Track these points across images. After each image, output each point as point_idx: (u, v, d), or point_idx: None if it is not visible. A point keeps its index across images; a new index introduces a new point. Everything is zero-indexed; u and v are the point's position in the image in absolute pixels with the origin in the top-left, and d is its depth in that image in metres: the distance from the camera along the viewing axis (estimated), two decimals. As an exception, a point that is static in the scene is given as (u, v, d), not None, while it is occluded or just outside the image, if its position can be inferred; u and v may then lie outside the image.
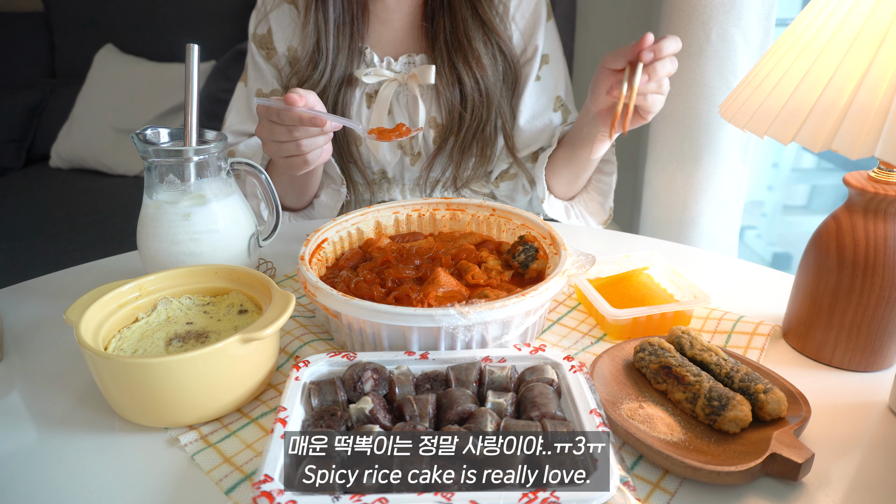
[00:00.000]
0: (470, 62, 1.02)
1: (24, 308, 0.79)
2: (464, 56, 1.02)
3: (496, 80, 1.04)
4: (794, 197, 2.58)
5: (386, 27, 1.07)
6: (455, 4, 1.02)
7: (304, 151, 0.81)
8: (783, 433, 0.52)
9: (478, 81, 1.03)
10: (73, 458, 0.55)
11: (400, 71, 1.05)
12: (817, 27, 0.58)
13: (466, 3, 1.02)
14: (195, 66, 0.72)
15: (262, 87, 1.10)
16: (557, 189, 1.06)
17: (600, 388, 0.58)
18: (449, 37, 1.02)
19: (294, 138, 0.80)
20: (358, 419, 0.52)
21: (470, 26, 1.02)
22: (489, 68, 1.03)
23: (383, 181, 1.13)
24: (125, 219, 1.88)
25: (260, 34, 1.09)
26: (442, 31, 1.02)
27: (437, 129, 1.07)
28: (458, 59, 1.02)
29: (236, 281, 0.68)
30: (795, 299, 0.69)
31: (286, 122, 0.79)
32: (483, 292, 0.68)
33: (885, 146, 0.51)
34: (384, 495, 0.44)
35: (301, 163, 0.83)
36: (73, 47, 2.53)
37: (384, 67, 1.05)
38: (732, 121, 0.64)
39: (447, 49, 1.03)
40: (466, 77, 1.02)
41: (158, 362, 0.53)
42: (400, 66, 1.06)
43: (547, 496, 0.43)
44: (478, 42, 1.02)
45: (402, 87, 1.05)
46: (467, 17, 1.02)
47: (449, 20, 1.02)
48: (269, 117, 0.80)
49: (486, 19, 1.02)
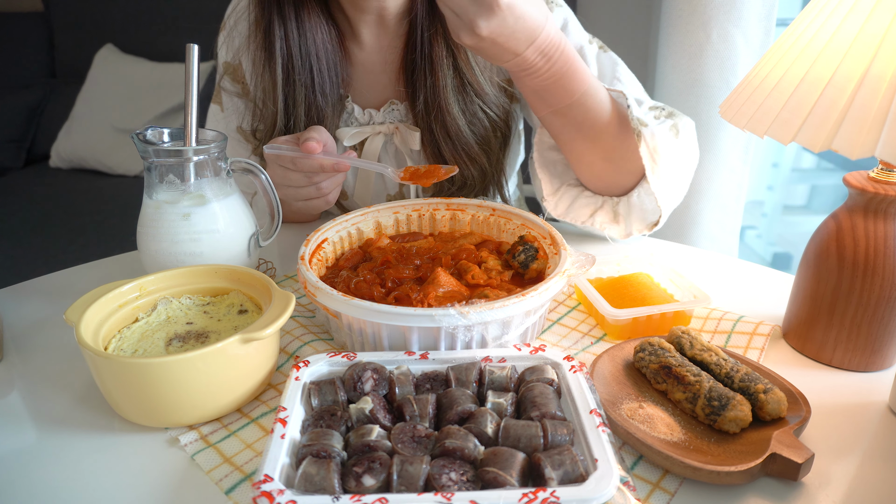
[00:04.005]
0: (449, 131, 0.93)
1: (24, 308, 0.79)
2: (443, 124, 0.93)
3: (478, 137, 0.95)
4: (794, 197, 2.59)
5: (367, 72, 0.98)
6: (436, 56, 0.91)
7: (325, 193, 0.78)
8: (783, 433, 0.52)
9: (457, 147, 0.94)
10: (73, 458, 0.55)
11: (384, 122, 0.98)
12: (817, 27, 0.58)
13: (447, 54, 0.91)
14: (195, 66, 0.72)
15: (243, 124, 1.00)
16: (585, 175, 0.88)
17: (600, 388, 0.58)
18: (429, 97, 0.92)
19: (313, 183, 0.76)
20: (358, 419, 0.52)
21: (449, 90, 0.92)
22: (466, 131, 0.94)
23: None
24: (125, 219, 1.88)
25: (231, 64, 0.98)
26: (423, 88, 0.93)
27: None
28: (436, 127, 0.93)
29: (236, 281, 0.68)
30: (795, 299, 0.69)
31: (304, 170, 0.75)
32: (483, 292, 0.68)
33: (885, 146, 0.51)
34: (384, 495, 0.44)
35: (322, 204, 0.80)
36: (73, 47, 2.54)
37: (367, 122, 0.99)
38: (732, 121, 0.64)
39: (427, 112, 0.94)
40: (445, 144, 0.94)
41: (158, 362, 0.53)
42: (382, 115, 0.98)
43: (547, 496, 0.43)
44: (456, 108, 0.92)
45: (388, 137, 0.99)
46: (448, 75, 0.91)
47: (430, 76, 0.92)
48: (281, 163, 0.76)
49: (468, 76, 0.92)
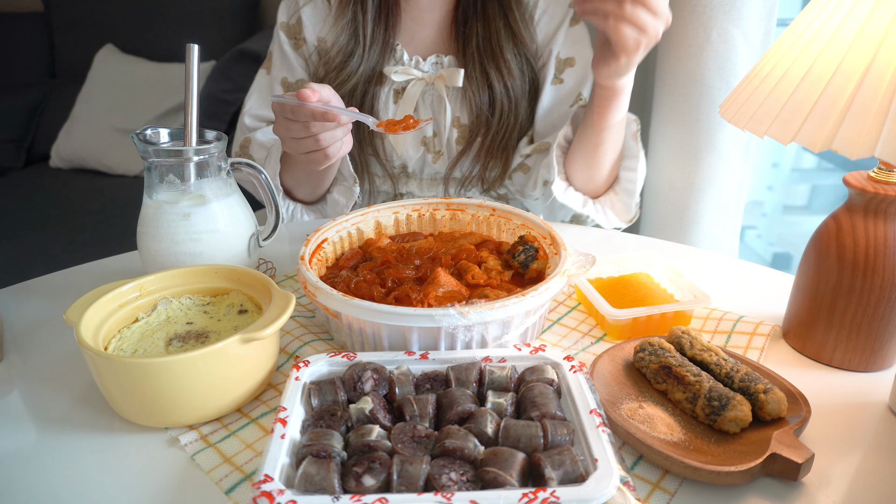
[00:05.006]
0: (501, 70, 1.04)
1: (24, 308, 0.79)
2: (496, 64, 1.04)
3: (524, 89, 1.07)
4: (795, 197, 2.58)
5: (418, 25, 1.09)
6: (489, 13, 1.04)
7: (324, 146, 0.82)
8: (783, 433, 0.52)
9: (508, 89, 1.05)
10: (72, 458, 0.55)
11: (428, 71, 1.07)
12: (817, 27, 0.58)
13: (500, 12, 1.04)
14: (195, 66, 0.72)
15: (287, 75, 1.11)
16: (576, 177, 1.03)
17: (600, 388, 0.58)
18: (482, 42, 1.05)
19: (311, 133, 0.80)
20: (358, 419, 0.52)
21: (502, 36, 1.04)
22: (518, 78, 1.06)
23: (402, 175, 1.15)
24: (125, 219, 1.88)
25: (290, 24, 1.10)
26: (474, 36, 1.05)
27: (460, 130, 1.09)
28: (489, 66, 1.05)
29: (236, 281, 0.68)
30: (795, 299, 0.69)
31: (301, 119, 0.79)
32: (483, 292, 0.68)
33: (885, 146, 0.51)
34: (384, 495, 0.44)
35: (321, 157, 0.84)
36: (73, 47, 2.53)
37: (413, 66, 1.07)
38: (732, 121, 0.64)
39: (479, 54, 1.05)
40: (497, 83, 1.05)
41: (158, 362, 0.53)
42: (428, 66, 1.08)
43: (547, 496, 0.43)
44: (509, 52, 1.05)
45: (429, 87, 1.07)
46: (500, 26, 1.04)
47: (482, 27, 1.05)
48: (285, 114, 0.81)
49: (516, 30, 1.05)
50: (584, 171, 1.01)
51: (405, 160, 1.12)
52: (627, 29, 0.77)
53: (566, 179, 1.04)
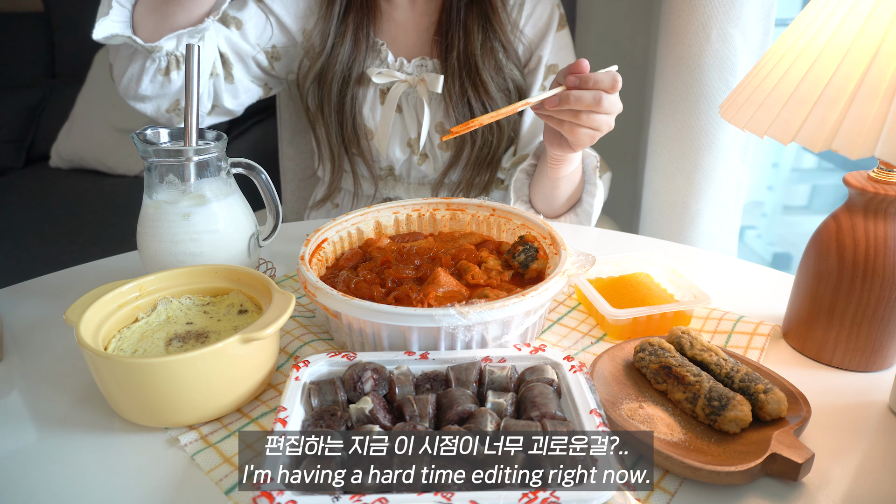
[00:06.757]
0: (479, 90, 1.03)
1: (24, 308, 0.79)
2: (472, 83, 1.03)
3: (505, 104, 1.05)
4: (795, 197, 2.58)
5: (401, 28, 1.08)
6: (469, 26, 1.02)
7: None
8: (783, 433, 0.52)
9: (487, 109, 1.04)
10: (72, 458, 0.55)
11: (411, 73, 1.07)
12: (817, 27, 0.58)
13: (479, 26, 1.02)
14: (195, 66, 0.72)
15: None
16: (537, 203, 1.06)
17: (600, 388, 0.58)
18: (461, 56, 1.03)
19: None
20: (358, 419, 0.52)
21: (479, 56, 1.02)
22: (498, 99, 1.04)
23: (389, 178, 1.14)
24: (125, 219, 1.88)
25: None
26: (455, 47, 1.03)
27: (444, 134, 1.08)
28: (467, 84, 1.03)
29: (236, 281, 0.68)
30: (795, 299, 0.69)
31: None
32: (483, 292, 0.68)
33: (885, 146, 0.51)
34: (384, 495, 0.44)
35: None
36: (73, 47, 2.54)
37: (396, 68, 1.07)
38: (732, 121, 0.64)
39: (459, 68, 1.03)
40: (475, 103, 1.04)
41: (158, 362, 0.53)
42: (412, 67, 1.07)
43: (547, 496, 0.43)
44: (486, 73, 1.02)
45: (412, 89, 1.06)
46: (478, 45, 1.02)
47: (463, 40, 1.03)
48: None
49: (496, 45, 1.03)
50: (543, 201, 1.04)
51: (392, 162, 1.12)
52: (583, 131, 0.81)
53: (528, 201, 1.06)
